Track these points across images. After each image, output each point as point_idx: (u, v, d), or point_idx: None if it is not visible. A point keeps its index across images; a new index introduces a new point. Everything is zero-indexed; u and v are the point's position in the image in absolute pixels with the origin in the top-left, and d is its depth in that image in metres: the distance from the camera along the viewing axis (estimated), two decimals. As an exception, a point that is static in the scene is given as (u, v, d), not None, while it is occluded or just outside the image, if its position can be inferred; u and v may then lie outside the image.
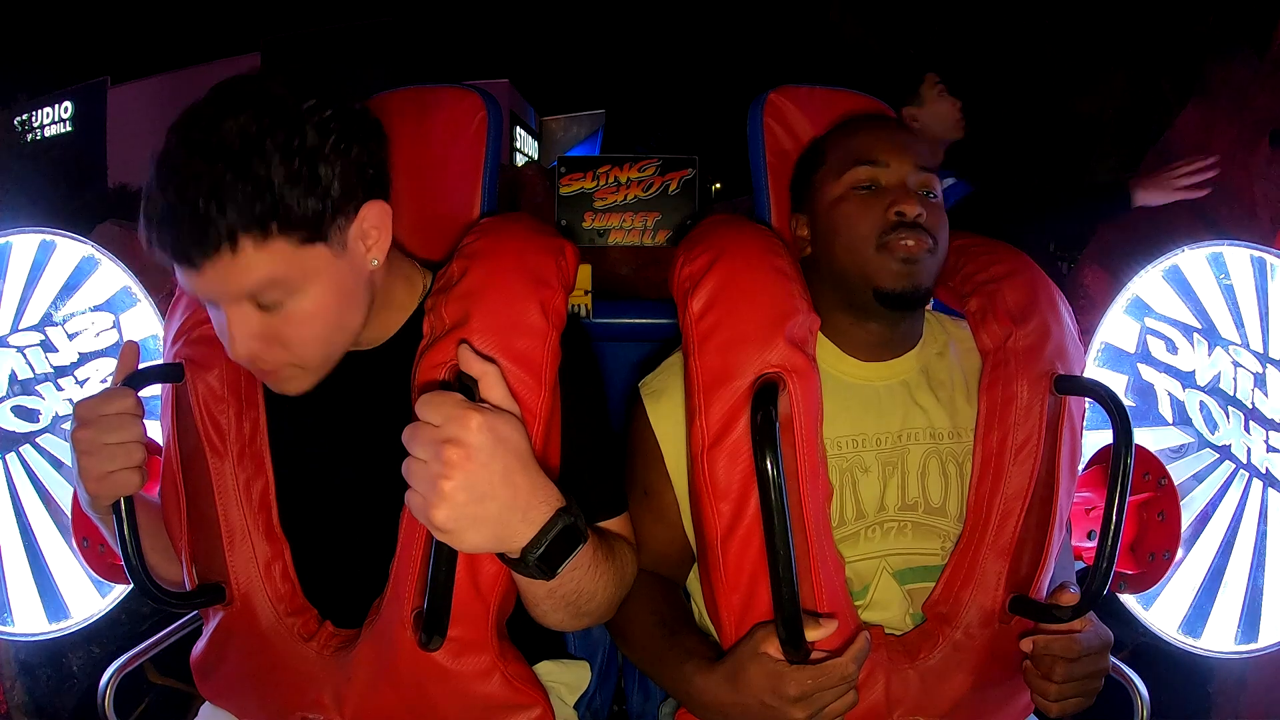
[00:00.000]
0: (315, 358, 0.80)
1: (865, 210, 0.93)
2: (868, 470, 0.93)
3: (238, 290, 0.73)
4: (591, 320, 1.21)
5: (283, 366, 0.80)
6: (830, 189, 0.96)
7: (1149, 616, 1.17)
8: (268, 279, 0.73)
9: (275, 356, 0.78)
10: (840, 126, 1.02)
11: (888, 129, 0.99)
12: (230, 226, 0.69)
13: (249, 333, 0.75)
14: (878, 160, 0.94)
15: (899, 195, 0.92)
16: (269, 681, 0.88)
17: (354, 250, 0.79)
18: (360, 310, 0.82)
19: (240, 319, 0.75)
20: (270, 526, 0.89)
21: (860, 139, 0.97)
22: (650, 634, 0.91)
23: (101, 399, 0.80)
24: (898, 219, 0.91)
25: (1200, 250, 1.21)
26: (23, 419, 1.23)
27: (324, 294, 0.77)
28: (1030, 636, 0.85)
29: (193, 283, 0.74)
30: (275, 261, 0.72)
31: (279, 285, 0.74)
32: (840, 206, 0.95)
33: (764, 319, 0.88)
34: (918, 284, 0.91)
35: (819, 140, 1.03)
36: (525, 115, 18.22)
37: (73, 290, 1.24)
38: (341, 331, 0.81)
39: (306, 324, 0.77)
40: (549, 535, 0.70)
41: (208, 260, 0.71)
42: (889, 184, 0.93)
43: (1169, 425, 1.21)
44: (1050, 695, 0.84)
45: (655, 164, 1.25)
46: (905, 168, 0.94)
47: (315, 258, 0.75)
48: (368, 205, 0.79)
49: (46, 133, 14.92)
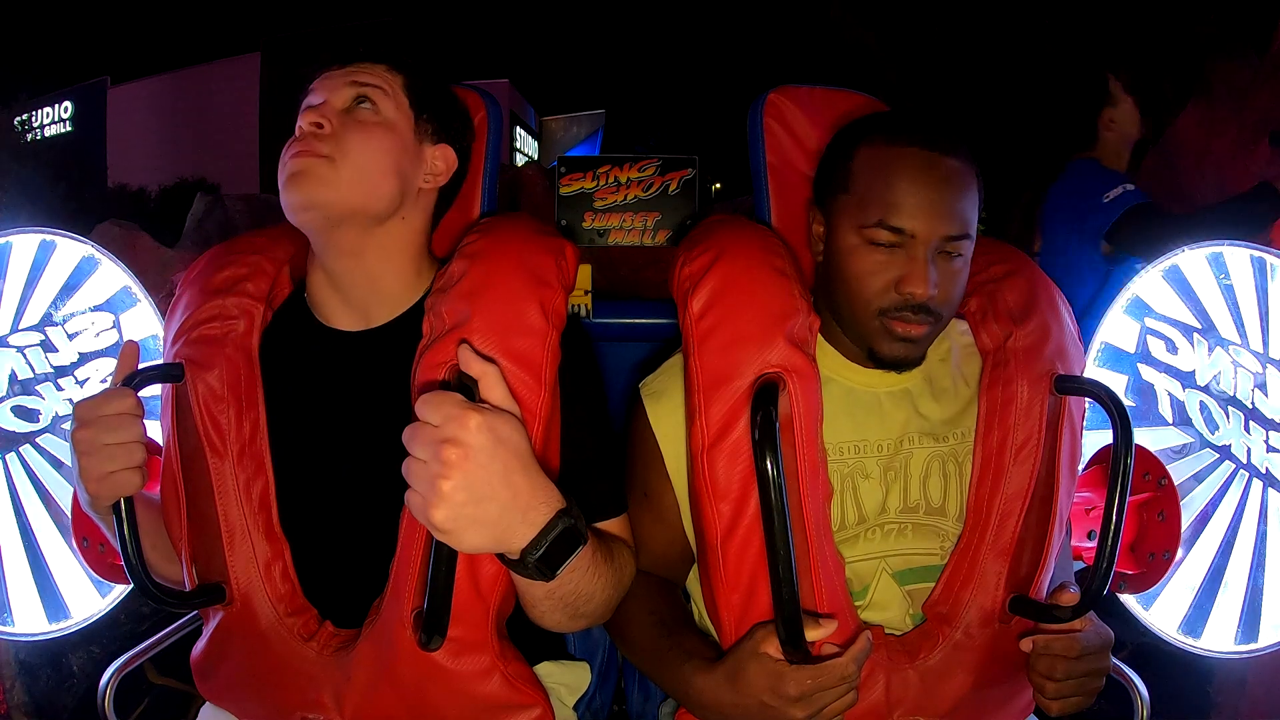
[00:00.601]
0: (352, 164, 0.88)
1: (875, 274, 0.87)
2: (869, 476, 0.93)
3: (350, 78, 0.92)
4: (591, 320, 1.21)
5: (328, 150, 0.87)
6: (846, 229, 0.90)
7: (1149, 616, 1.17)
8: (379, 85, 0.92)
9: (329, 141, 0.88)
10: (882, 144, 0.89)
11: (930, 183, 0.85)
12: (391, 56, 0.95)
13: (322, 112, 0.89)
14: (904, 229, 0.85)
15: (913, 271, 0.85)
16: (269, 681, 0.88)
17: (423, 155, 0.95)
18: (393, 184, 0.91)
19: (328, 104, 0.91)
20: (270, 526, 0.89)
21: (896, 190, 0.86)
22: (650, 634, 0.91)
23: (101, 399, 0.80)
24: (904, 300, 0.87)
25: (1200, 250, 1.21)
26: (23, 419, 1.23)
27: (391, 136, 0.91)
28: (1031, 636, 0.85)
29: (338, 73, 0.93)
30: (389, 83, 0.93)
31: (378, 95, 0.91)
32: (853, 257, 0.89)
33: (764, 319, 0.88)
34: (911, 356, 0.91)
35: (853, 144, 0.92)
36: (525, 115, 18.23)
37: (73, 290, 1.24)
38: (380, 175, 0.90)
39: (371, 134, 0.90)
40: (549, 537, 0.70)
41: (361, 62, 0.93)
42: (909, 249, 0.86)
43: (1169, 425, 1.21)
44: (1051, 694, 0.84)
45: (655, 164, 1.25)
46: (933, 237, 0.85)
47: (404, 117, 0.93)
48: (446, 147, 0.97)
49: (46, 133, 14.95)
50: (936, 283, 0.86)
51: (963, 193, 0.87)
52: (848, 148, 0.92)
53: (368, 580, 0.86)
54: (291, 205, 0.87)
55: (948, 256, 0.87)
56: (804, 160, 1.06)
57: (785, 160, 1.07)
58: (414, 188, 0.94)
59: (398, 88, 0.93)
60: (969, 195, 0.88)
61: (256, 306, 0.94)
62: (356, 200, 0.88)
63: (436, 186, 0.96)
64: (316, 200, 0.87)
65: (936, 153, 0.86)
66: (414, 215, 0.95)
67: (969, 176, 0.88)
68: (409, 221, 0.94)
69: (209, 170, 17.03)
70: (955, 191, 0.86)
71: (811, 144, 1.06)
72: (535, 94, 16.25)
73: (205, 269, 0.98)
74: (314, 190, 0.86)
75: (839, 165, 0.92)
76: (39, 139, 12.17)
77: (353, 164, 0.88)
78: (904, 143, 0.87)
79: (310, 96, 0.92)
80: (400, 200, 0.92)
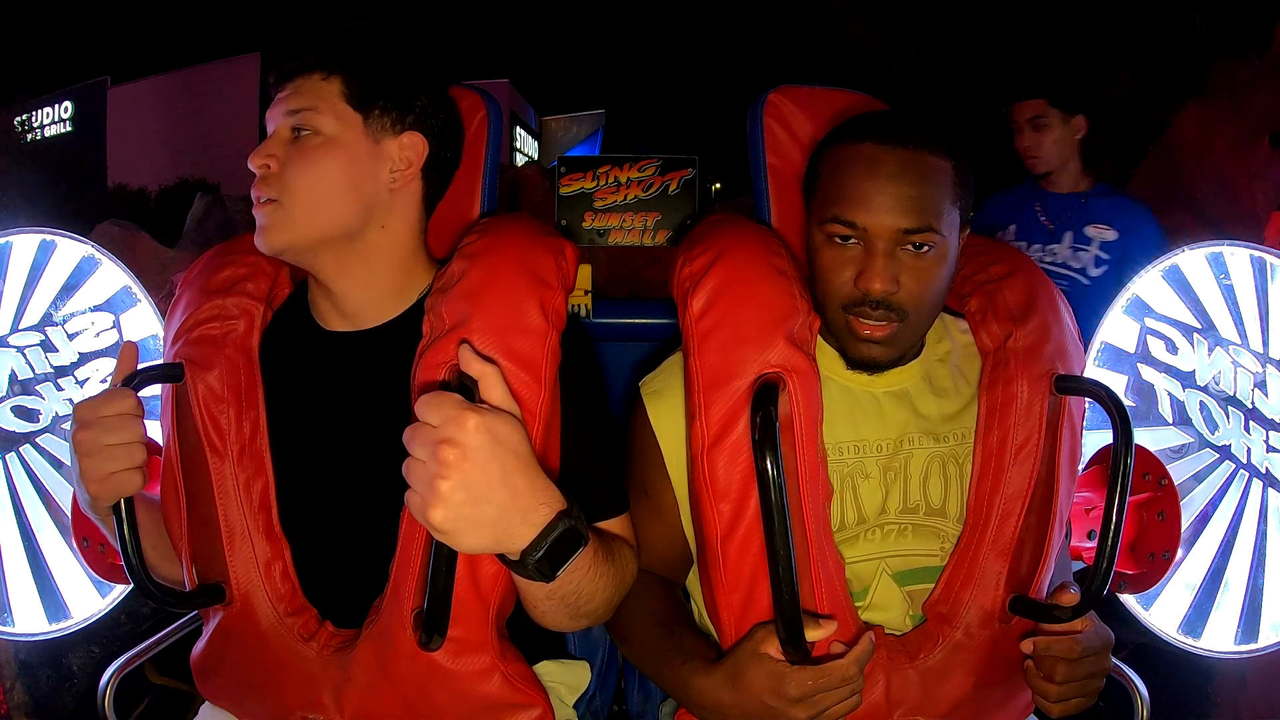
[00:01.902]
0: (300, 201, 0.87)
1: (836, 269, 0.88)
2: (869, 477, 0.93)
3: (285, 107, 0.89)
4: (591, 320, 1.20)
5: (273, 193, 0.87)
6: (814, 228, 0.91)
7: (1149, 616, 1.17)
8: (310, 106, 0.88)
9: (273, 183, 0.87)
10: (841, 141, 0.90)
11: (879, 176, 0.85)
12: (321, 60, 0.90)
13: (268, 148, 0.88)
14: (855, 223, 0.85)
15: (869, 266, 0.85)
16: (269, 681, 0.88)
17: (383, 153, 0.90)
18: (351, 202, 0.89)
19: (275, 137, 0.89)
20: (270, 526, 0.89)
21: (849, 183, 0.86)
22: (650, 634, 0.91)
23: (101, 400, 0.80)
24: (862, 295, 0.87)
25: (1200, 250, 1.21)
26: (23, 419, 1.23)
27: (335, 154, 0.88)
28: (1031, 637, 0.85)
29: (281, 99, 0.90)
30: (322, 95, 0.88)
31: (311, 117, 0.87)
32: (818, 255, 0.90)
33: (764, 319, 0.88)
34: (880, 358, 0.91)
35: (822, 146, 0.94)
36: (525, 115, 18.23)
37: (73, 290, 1.24)
38: (332, 200, 0.88)
39: (311, 161, 0.87)
40: (549, 538, 0.70)
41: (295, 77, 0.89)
42: (867, 245, 0.86)
43: (1169, 425, 1.21)
44: (1051, 696, 0.84)
45: (655, 164, 1.25)
46: (887, 230, 0.85)
47: (348, 125, 0.89)
48: (411, 134, 0.91)
49: (46, 133, 14.96)
50: (895, 278, 0.85)
51: (919, 184, 0.85)
52: (818, 151, 0.94)
53: (368, 580, 0.86)
54: (263, 249, 0.89)
55: (914, 252, 0.86)
56: (804, 160, 1.06)
57: (785, 160, 1.07)
58: (382, 193, 0.91)
59: (333, 96, 0.89)
60: (931, 188, 0.85)
61: (256, 306, 0.94)
62: (314, 233, 0.88)
63: (413, 177, 0.93)
64: (277, 246, 0.88)
65: (890, 145, 0.85)
66: (393, 219, 0.92)
67: (933, 169, 0.85)
68: (389, 228, 0.92)
69: (209, 170, 17.02)
70: (910, 184, 0.84)
71: (811, 144, 1.06)
72: (535, 94, 16.24)
73: (205, 269, 0.98)
74: (272, 238, 0.87)
75: (811, 168, 0.94)
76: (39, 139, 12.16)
77: (299, 200, 0.87)
78: (858, 139, 0.88)
79: (266, 121, 0.92)
80: (367, 213, 0.90)
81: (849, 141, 0.89)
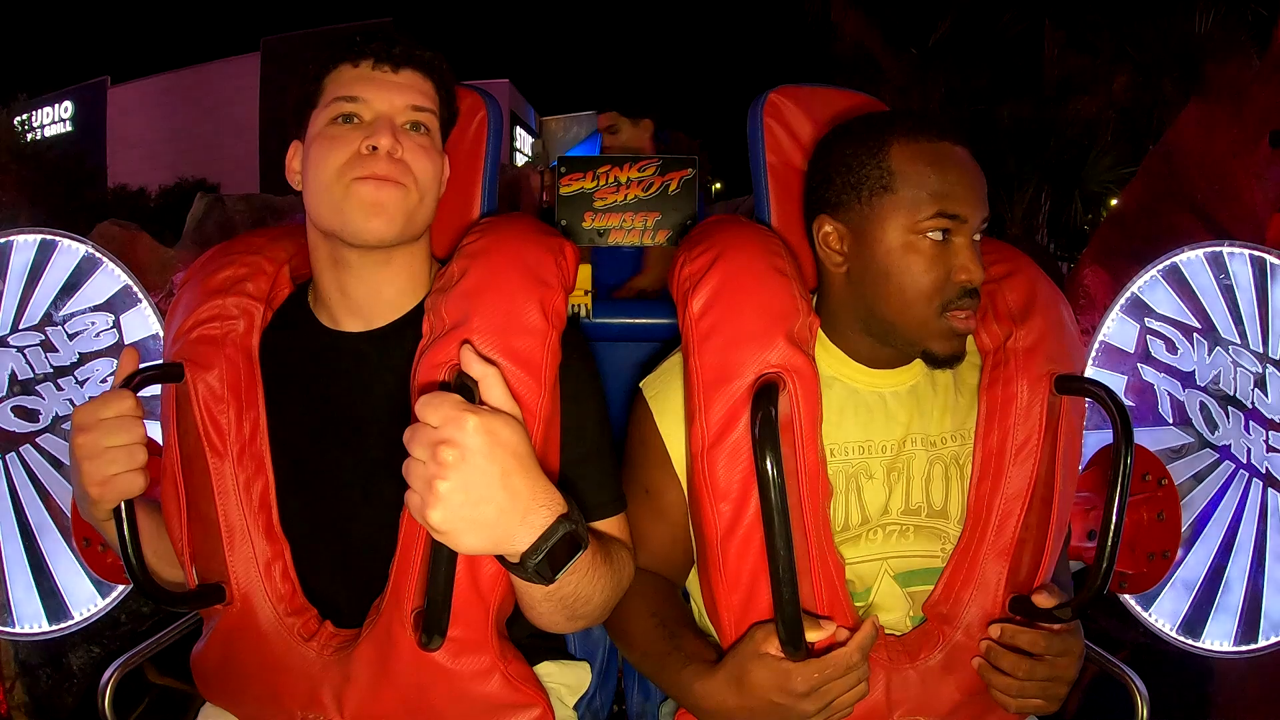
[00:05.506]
0: (423, 193, 0.89)
1: (929, 269, 0.86)
2: (873, 476, 0.93)
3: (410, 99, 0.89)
4: (591, 320, 1.20)
5: (405, 179, 0.87)
6: (894, 227, 0.87)
7: (1149, 616, 1.17)
8: (431, 109, 0.91)
9: (405, 169, 0.87)
10: (918, 140, 0.88)
11: (970, 170, 0.88)
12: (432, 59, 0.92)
13: (395, 133, 0.87)
14: (960, 215, 0.86)
15: (968, 259, 0.86)
16: (269, 681, 0.88)
17: None
18: (436, 202, 0.93)
19: (393, 123, 0.88)
20: (270, 526, 0.89)
21: (948, 179, 0.86)
22: (650, 636, 0.91)
23: (100, 402, 0.79)
24: (962, 287, 0.86)
25: (1200, 250, 1.21)
26: (23, 419, 1.23)
27: (440, 159, 0.92)
28: (998, 623, 0.86)
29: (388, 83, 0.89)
30: (434, 103, 0.92)
31: (429, 120, 0.90)
32: (904, 256, 0.87)
33: (764, 319, 0.88)
34: (963, 351, 0.91)
35: (879, 145, 0.89)
36: (525, 115, 18.22)
37: (73, 290, 1.24)
38: (434, 200, 0.92)
39: (433, 159, 0.90)
40: (549, 542, 0.70)
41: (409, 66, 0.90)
42: (955, 237, 0.87)
43: (1169, 425, 1.21)
44: (1003, 690, 0.85)
45: (655, 164, 1.24)
46: (977, 220, 0.87)
47: (439, 136, 0.93)
48: (446, 153, 0.95)
49: (46, 133, 14.96)
50: (983, 270, 0.88)
51: (983, 177, 0.89)
52: (874, 150, 0.89)
53: (368, 580, 0.86)
54: (369, 236, 0.85)
55: (977, 241, 0.89)
56: (804, 160, 1.06)
57: (785, 160, 1.07)
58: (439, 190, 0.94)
59: (437, 106, 0.92)
60: None
61: (256, 306, 0.94)
62: (417, 228, 0.90)
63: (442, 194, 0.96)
64: (394, 230, 0.86)
65: (957, 142, 0.89)
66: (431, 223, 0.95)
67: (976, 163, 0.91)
68: (428, 229, 0.95)
69: (209, 170, 17.03)
70: (981, 176, 0.89)
71: (811, 144, 1.06)
72: (535, 94, 16.25)
73: (205, 269, 0.98)
74: (392, 221, 0.86)
75: (870, 168, 0.89)
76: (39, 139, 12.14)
77: (422, 192, 0.89)
78: (936, 137, 0.88)
79: (354, 90, 0.87)
80: (434, 216, 0.93)
81: (926, 138, 0.88)
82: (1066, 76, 7.23)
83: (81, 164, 8.01)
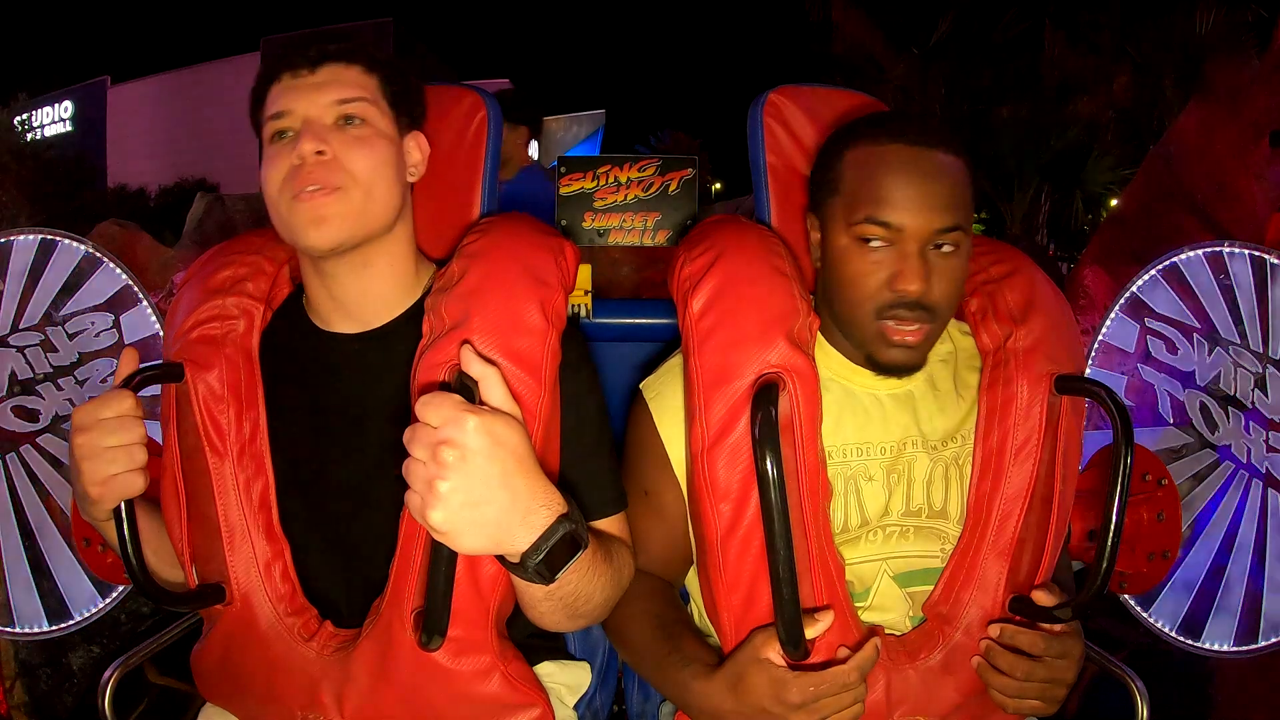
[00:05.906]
0: (366, 189, 0.86)
1: (867, 272, 0.87)
2: (872, 479, 0.93)
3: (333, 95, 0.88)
4: (591, 320, 1.20)
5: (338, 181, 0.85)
6: (838, 229, 0.89)
7: (1149, 617, 1.17)
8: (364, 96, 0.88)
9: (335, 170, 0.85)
10: (868, 143, 0.88)
11: (915, 177, 0.85)
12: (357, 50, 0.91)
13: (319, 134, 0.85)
14: (891, 223, 0.85)
15: (905, 266, 0.85)
16: (269, 681, 0.88)
17: (405, 148, 0.93)
18: (397, 193, 0.90)
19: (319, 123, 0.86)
20: (270, 526, 0.89)
21: (883, 183, 0.85)
22: (649, 638, 0.91)
23: (99, 403, 0.79)
24: (899, 297, 0.86)
25: (1200, 250, 1.21)
26: (23, 419, 1.23)
27: (386, 144, 0.89)
28: (998, 623, 0.86)
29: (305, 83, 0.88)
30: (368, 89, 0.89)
31: (364, 108, 0.88)
32: (846, 258, 0.88)
33: (764, 319, 0.88)
34: (911, 362, 0.90)
35: (841, 147, 0.90)
36: (525, 115, 18.06)
37: (73, 290, 1.24)
38: (389, 190, 0.89)
39: (373, 150, 0.88)
40: (549, 542, 0.70)
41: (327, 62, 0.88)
42: (900, 246, 0.85)
43: (1169, 425, 1.21)
44: (1002, 690, 0.85)
45: (655, 164, 1.24)
46: (923, 231, 0.84)
47: (388, 119, 0.91)
48: (418, 134, 0.96)
49: (46, 132, 14.95)
50: (929, 278, 0.85)
51: (951, 185, 0.85)
52: (836, 151, 0.91)
53: (367, 580, 0.86)
54: (315, 248, 0.85)
55: (941, 252, 0.86)
56: (804, 160, 1.06)
57: (785, 160, 1.07)
58: (406, 189, 0.94)
59: (375, 90, 0.90)
60: (958, 188, 0.86)
61: (256, 306, 0.94)
62: (376, 222, 0.88)
63: (422, 169, 0.96)
64: (341, 238, 0.85)
65: (921, 147, 0.86)
66: (406, 214, 0.94)
67: (957, 169, 0.86)
68: (405, 223, 0.94)
69: (209, 170, 17.02)
70: (942, 184, 0.85)
71: (811, 144, 1.06)
72: (535, 94, 16.30)
73: (205, 269, 0.98)
74: (337, 228, 0.84)
75: (829, 169, 0.91)
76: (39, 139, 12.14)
77: (364, 188, 0.86)
78: (888, 139, 0.87)
79: (279, 105, 0.87)
80: (402, 206, 0.92)
81: (876, 142, 0.87)
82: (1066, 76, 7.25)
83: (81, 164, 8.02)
